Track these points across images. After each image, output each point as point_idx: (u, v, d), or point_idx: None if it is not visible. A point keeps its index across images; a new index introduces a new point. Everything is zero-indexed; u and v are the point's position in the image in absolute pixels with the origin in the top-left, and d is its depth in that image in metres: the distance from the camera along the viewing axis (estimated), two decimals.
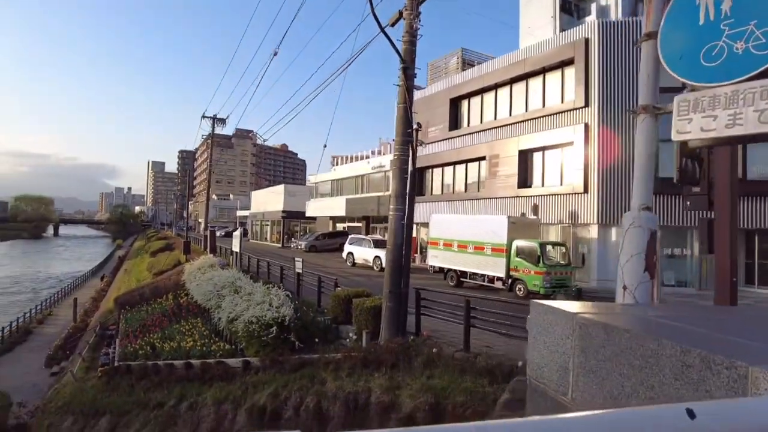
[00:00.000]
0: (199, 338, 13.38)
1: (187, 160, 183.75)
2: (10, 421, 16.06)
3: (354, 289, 11.47)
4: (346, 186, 40.94)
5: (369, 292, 11.29)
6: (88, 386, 14.49)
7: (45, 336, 29.87)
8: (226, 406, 9.50)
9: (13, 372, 22.99)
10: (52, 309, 37.68)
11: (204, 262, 20.49)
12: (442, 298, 10.26)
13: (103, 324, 22.93)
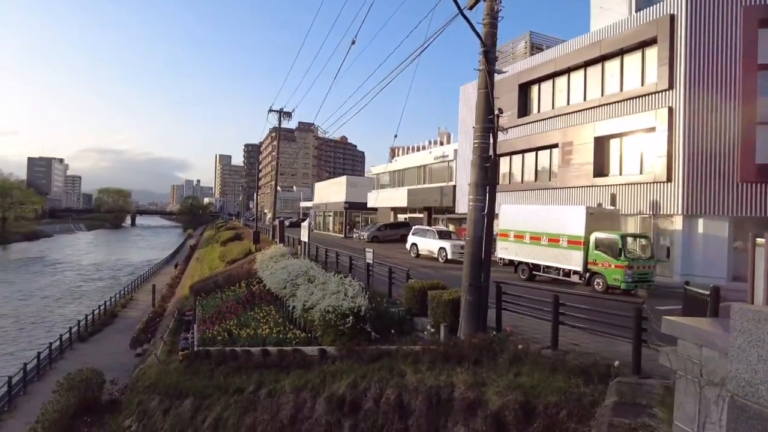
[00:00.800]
0: (274, 326, 13.70)
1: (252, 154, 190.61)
2: (104, 396, 17.28)
3: (429, 281, 11.28)
4: (407, 177, 40.75)
5: (444, 284, 11.06)
6: (171, 368, 15.26)
7: (128, 319, 32.00)
8: (305, 394, 9.61)
9: (103, 351, 24.77)
10: (133, 294, 40.30)
11: (275, 251, 21.02)
12: (520, 291, 9.86)
13: (181, 310, 24.14)
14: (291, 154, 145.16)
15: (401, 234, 36.28)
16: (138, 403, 15.30)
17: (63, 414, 14.88)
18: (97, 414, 15.95)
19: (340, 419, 8.75)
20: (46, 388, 18.37)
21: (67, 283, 50.84)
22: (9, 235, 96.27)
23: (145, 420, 14.00)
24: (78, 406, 15.70)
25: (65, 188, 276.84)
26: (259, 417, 10.10)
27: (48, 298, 42.39)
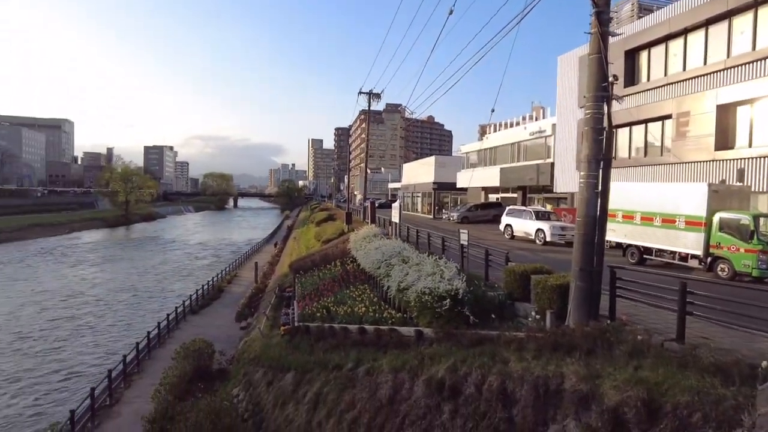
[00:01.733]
0: (369, 304, 13.84)
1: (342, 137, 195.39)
2: (214, 365, 18.68)
3: (530, 264, 10.67)
4: (499, 155, 39.28)
5: (549, 268, 10.40)
6: (273, 343, 16.06)
7: (233, 294, 34.36)
8: (403, 374, 9.56)
9: (212, 323, 26.84)
10: (237, 271, 43.18)
11: (367, 232, 21.27)
12: (633, 276, 8.99)
13: (281, 286, 25.40)
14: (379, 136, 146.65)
15: (493, 215, 35.24)
16: (244, 374, 16.34)
17: (181, 379, 16.29)
18: (208, 381, 17.28)
19: (439, 403, 8.58)
20: (166, 354, 20.27)
21: (177, 261, 55.78)
22: (131, 216, 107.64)
23: (250, 390, 14.89)
24: (193, 373, 17.10)
25: (175, 173, 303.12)
26: (357, 395, 10.24)
27: (161, 274, 46.82)
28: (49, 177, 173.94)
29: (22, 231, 74.95)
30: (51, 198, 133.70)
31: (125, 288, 38.93)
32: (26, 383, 19.74)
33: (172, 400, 14.78)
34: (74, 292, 36.60)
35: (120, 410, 15.99)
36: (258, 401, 13.78)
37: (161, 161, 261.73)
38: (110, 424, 15.05)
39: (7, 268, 47.74)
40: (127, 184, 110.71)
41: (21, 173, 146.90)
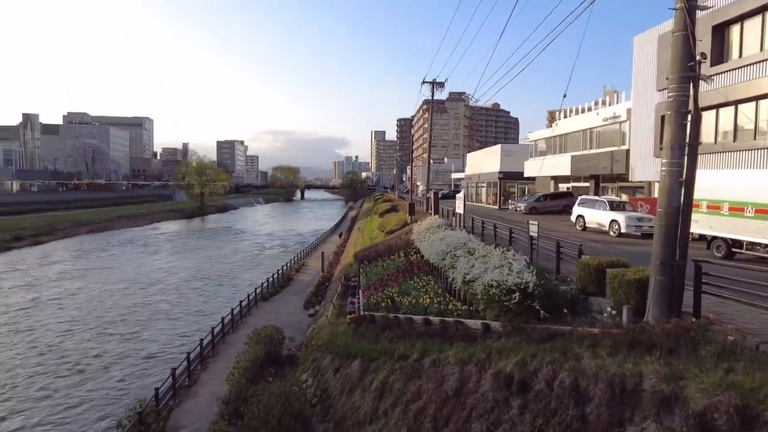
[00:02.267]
0: (434, 296, 13.78)
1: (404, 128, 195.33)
2: (284, 351, 19.40)
3: (605, 257, 10.15)
4: (569, 142, 37.62)
5: (626, 261, 9.85)
6: (340, 330, 16.41)
7: (301, 283, 35.47)
8: (470, 367, 9.44)
9: (281, 310, 27.87)
10: (304, 261, 44.51)
11: (431, 223, 21.15)
12: (720, 271, 8.30)
13: (346, 276, 25.87)
14: (442, 125, 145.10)
15: (563, 205, 33.91)
16: (312, 360, 16.84)
17: (253, 363, 17.05)
18: (279, 366, 17.97)
19: (507, 397, 8.40)
20: (239, 339, 21.30)
21: (248, 250, 58.33)
22: (206, 207, 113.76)
23: (318, 376, 15.33)
24: (264, 358, 17.84)
25: (246, 167, 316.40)
26: (423, 385, 10.25)
27: (233, 263, 49.18)
28: (132, 171, 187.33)
29: (110, 222, 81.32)
30: (134, 191, 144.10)
31: (199, 276, 41.27)
32: (109, 363, 21.46)
33: (245, 383, 15.52)
34: (153, 280, 39.28)
35: (197, 390, 17.01)
36: (326, 387, 14.16)
37: (233, 155, 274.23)
38: (189, 403, 16.05)
39: (95, 256, 52.08)
40: (202, 177, 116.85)
41: (109, 168, 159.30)
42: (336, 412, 12.66)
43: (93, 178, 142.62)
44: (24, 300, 32.46)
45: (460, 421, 8.85)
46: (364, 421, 11.25)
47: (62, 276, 40.47)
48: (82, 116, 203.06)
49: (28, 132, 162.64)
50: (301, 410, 12.89)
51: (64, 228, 69.48)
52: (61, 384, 19.13)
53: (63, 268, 43.91)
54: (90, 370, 20.64)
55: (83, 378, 19.76)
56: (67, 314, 29.03)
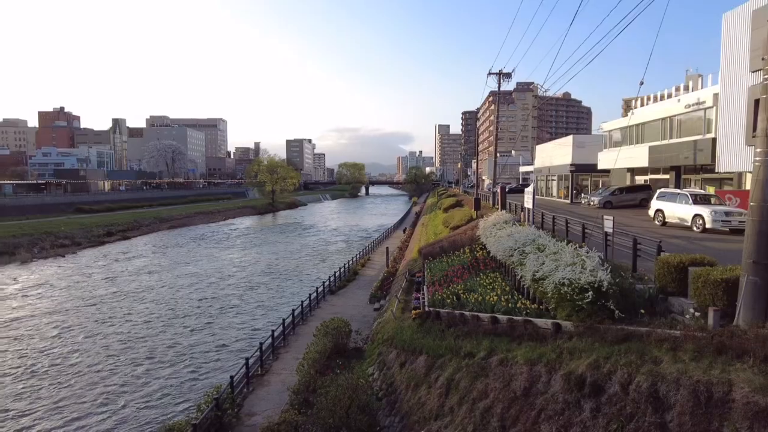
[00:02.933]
0: (501, 293, 13.50)
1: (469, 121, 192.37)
2: (351, 344, 19.80)
3: (688, 255, 9.46)
4: (647, 131, 35.35)
5: (711, 259, 9.15)
6: (405, 326, 16.49)
7: (366, 277, 35.98)
8: (539, 367, 9.18)
9: (348, 304, 28.43)
10: (369, 255, 45.10)
11: (497, 218, 20.70)
12: None
13: (411, 271, 25.95)
14: (509, 117, 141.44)
15: (640, 198, 32.01)
16: (378, 354, 17.06)
17: (321, 354, 17.54)
18: (346, 358, 18.37)
19: (579, 400, 8.09)
20: (308, 330, 21.98)
21: (315, 245, 59.98)
22: (277, 204, 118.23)
23: (384, 370, 15.51)
24: (332, 350, 18.31)
25: (313, 164, 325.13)
26: (491, 384, 10.09)
27: (301, 257, 50.77)
28: (208, 170, 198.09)
29: (189, 218, 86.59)
30: (210, 189, 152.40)
31: (268, 270, 43.01)
32: (182, 352, 22.84)
33: (314, 373, 16.02)
34: (224, 275, 41.39)
35: (269, 379, 17.75)
36: (391, 381, 14.30)
37: (301, 153, 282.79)
38: (261, 391, 16.79)
39: (173, 251, 55.65)
40: (273, 175, 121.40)
41: (187, 168, 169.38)
42: (402, 406, 12.76)
43: (173, 177, 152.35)
44: (107, 292, 35.35)
45: (528, 421, 8.63)
46: (430, 416, 11.26)
47: (144, 269, 43.67)
48: (163, 119, 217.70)
49: (117, 135, 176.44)
50: (368, 403, 13.10)
51: (149, 224, 74.85)
52: (141, 370, 20.65)
53: (145, 262, 47.37)
54: (166, 358, 22.08)
55: (161, 365, 21.21)
56: (146, 306, 31.27)
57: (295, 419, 13.03)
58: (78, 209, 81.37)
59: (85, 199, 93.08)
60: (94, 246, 57.52)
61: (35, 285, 37.53)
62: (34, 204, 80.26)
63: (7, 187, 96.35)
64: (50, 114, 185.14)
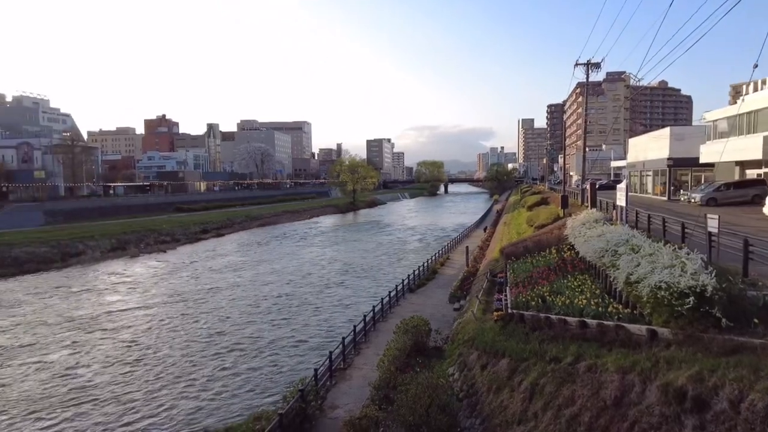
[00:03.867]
0: (591, 296, 12.78)
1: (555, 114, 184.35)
2: (430, 343, 19.75)
3: None
4: (762, 120, 31.77)
5: None
6: (487, 327, 16.14)
7: (446, 276, 35.71)
8: (632, 376, 8.57)
9: (427, 303, 28.39)
10: (448, 255, 44.71)
11: (587, 216, 19.63)
12: None
13: (492, 271, 25.36)
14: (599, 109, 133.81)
15: (752, 195, 28.91)
16: (459, 355, 16.85)
17: (401, 352, 17.65)
18: (425, 357, 18.34)
19: (679, 414, 7.45)
20: (388, 327, 22.22)
21: (394, 243, 60.51)
22: (357, 203, 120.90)
23: (465, 371, 15.29)
24: (411, 348, 18.36)
25: (392, 163, 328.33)
26: (578, 391, 9.60)
27: (380, 255, 51.44)
28: (294, 171, 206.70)
29: (276, 216, 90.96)
30: (296, 189, 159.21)
31: (347, 268, 44.04)
32: (265, 346, 23.90)
33: (394, 370, 16.15)
34: (306, 272, 42.92)
35: (351, 374, 18.17)
36: (472, 383, 14.07)
37: (381, 153, 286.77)
38: (343, 385, 17.22)
39: (261, 248, 58.71)
40: (354, 175, 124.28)
41: (275, 169, 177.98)
42: (483, 408, 12.52)
43: (262, 178, 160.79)
44: (197, 288, 37.97)
45: None
46: (513, 421, 10.93)
47: (232, 265, 46.57)
48: (252, 123, 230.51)
49: (212, 139, 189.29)
50: (448, 403, 12.99)
51: (240, 222, 79.60)
52: (227, 362, 21.88)
53: (234, 259, 50.50)
54: (250, 351, 23.22)
55: (245, 358, 22.38)
56: (232, 300, 33.21)
57: (375, 415, 13.22)
58: (177, 208, 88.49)
59: (184, 198, 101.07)
60: (191, 242, 62.24)
61: (141, 278, 41.37)
62: (141, 203, 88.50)
63: (120, 188, 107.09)
64: (154, 121, 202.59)
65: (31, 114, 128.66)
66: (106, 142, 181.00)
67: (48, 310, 31.05)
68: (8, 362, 22.25)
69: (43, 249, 47.33)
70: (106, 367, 21.48)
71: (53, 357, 22.74)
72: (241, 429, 14.42)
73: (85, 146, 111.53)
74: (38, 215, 67.29)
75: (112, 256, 51.22)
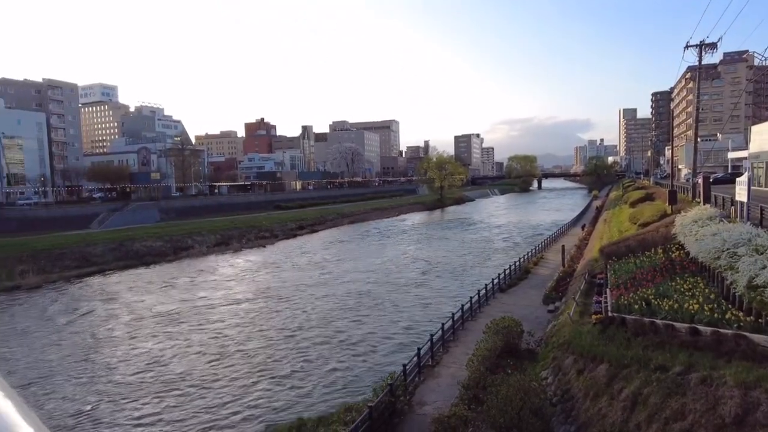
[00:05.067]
0: (704, 301, 11.60)
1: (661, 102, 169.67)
2: (522, 345, 19.08)
3: None
4: None
5: None
6: (584, 330, 15.26)
7: (539, 276, 34.29)
8: (757, 393, 7.65)
9: (518, 303, 27.46)
10: (542, 253, 42.89)
11: (699, 213, 17.84)
12: None
13: (591, 272, 23.93)
14: (713, 95, 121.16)
15: None
16: (553, 358, 16.11)
17: (491, 352, 17.22)
18: (517, 358, 17.74)
19: None
20: (477, 327, 21.79)
21: (483, 241, 59.22)
22: (445, 200, 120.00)
23: (560, 375, 14.58)
24: (502, 348, 17.85)
25: (481, 158, 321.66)
26: (689, 405, 8.76)
27: (468, 252, 50.54)
28: (382, 169, 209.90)
29: (365, 214, 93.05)
30: (384, 187, 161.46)
31: (433, 266, 43.70)
32: (349, 341, 24.35)
33: (484, 371, 15.80)
34: (392, 268, 43.25)
35: (439, 371, 18.05)
36: (567, 388, 13.38)
37: (469, 148, 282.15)
38: (432, 383, 17.16)
39: (351, 245, 60.29)
40: (441, 172, 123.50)
41: (364, 167, 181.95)
42: (579, 415, 11.86)
43: (352, 177, 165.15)
44: (290, 282, 39.74)
45: None
46: (612, 430, 10.24)
47: (324, 260, 48.39)
48: (343, 124, 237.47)
49: (306, 141, 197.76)
50: (541, 407, 12.47)
51: (332, 219, 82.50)
52: (314, 354, 22.62)
53: (326, 255, 52.40)
54: (337, 345, 23.84)
55: (334, 351, 23.00)
56: (322, 295, 34.27)
57: (465, 414, 13.03)
58: (275, 206, 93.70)
59: (281, 197, 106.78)
60: (287, 238, 65.58)
61: (242, 271, 44.34)
62: (243, 202, 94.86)
63: (224, 188, 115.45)
64: (253, 125, 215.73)
65: (148, 122, 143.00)
66: (211, 145, 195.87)
67: (167, 295, 34.37)
68: (136, 343, 24.95)
69: (158, 243, 52.49)
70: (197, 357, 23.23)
71: (175, 337, 25.12)
72: (333, 419, 14.90)
73: (194, 149, 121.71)
74: (155, 213, 74.69)
75: (217, 250, 55.37)
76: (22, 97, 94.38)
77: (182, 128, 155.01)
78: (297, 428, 14.75)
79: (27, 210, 67.43)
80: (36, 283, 39.10)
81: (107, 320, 29.75)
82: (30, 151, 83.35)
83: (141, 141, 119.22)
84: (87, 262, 45.45)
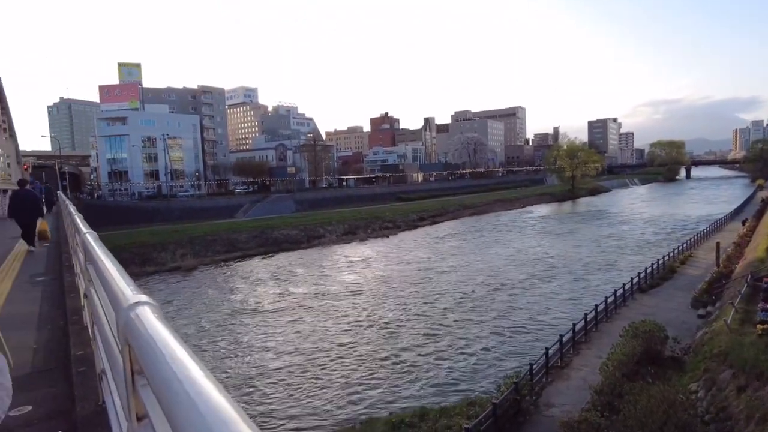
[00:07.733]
0: None
1: None
2: (666, 352, 17.24)
3: None
4: None
5: None
6: (746, 342, 13.33)
7: (687, 276, 30.65)
8: None
9: (662, 306, 24.83)
10: (691, 251, 38.23)
11: None
12: None
13: (754, 274, 20.76)
14: None
15: None
16: (704, 370, 14.30)
17: (629, 357, 15.82)
18: (659, 367, 16.10)
19: None
20: (613, 329, 20.16)
21: (621, 235, 54.32)
22: (577, 191, 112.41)
23: (713, 391, 12.90)
24: (641, 354, 16.30)
25: (619, 145, 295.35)
26: None
27: (605, 248, 46.69)
28: (506, 159, 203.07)
29: (488, 205, 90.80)
30: (508, 177, 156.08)
31: (562, 262, 40.89)
32: (475, 336, 23.74)
33: (619, 377, 14.59)
34: (517, 263, 41.40)
35: (569, 374, 17.03)
36: (724, 406, 11.79)
37: (605, 134, 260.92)
38: (560, 385, 16.26)
39: (471, 236, 59.26)
40: (573, 160, 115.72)
41: (487, 158, 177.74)
42: None
43: (474, 167, 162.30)
44: (409, 273, 40.08)
45: None
46: None
47: (446, 252, 48.13)
48: (465, 114, 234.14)
49: (428, 132, 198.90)
50: (689, 424, 11.17)
51: (453, 210, 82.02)
52: (432, 348, 22.40)
53: (448, 246, 52.11)
54: (460, 340, 23.46)
55: (457, 346, 22.68)
56: (444, 288, 33.92)
57: (597, 421, 12.15)
58: (398, 198, 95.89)
59: (403, 189, 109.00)
60: (409, 229, 66.72)
61: (369, 258, 46.14)
62: (368, 194, 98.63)
63: (351, 180, 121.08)
64: (377, 119, 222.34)
65: (284, 120, 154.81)
66: (339, 141, 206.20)
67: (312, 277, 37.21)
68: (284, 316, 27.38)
69: (294, 232, 56.92)
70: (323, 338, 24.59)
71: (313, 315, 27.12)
72: (455, 411, 14.85)
73: (324, 145, 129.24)
74: (291, 204, 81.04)
75: (345, 239, 58.31)
76: (181, 102, 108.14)
77: (314, 125, 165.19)
78: (420, 416, 14.94)
79: (186, 201, 77.80)
80: (192, 265, 44.79)
81: (286, 295, 33.09)
82: (187, 149, 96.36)
83: (278, 138, 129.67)
84: (233, 247, 50.85)
